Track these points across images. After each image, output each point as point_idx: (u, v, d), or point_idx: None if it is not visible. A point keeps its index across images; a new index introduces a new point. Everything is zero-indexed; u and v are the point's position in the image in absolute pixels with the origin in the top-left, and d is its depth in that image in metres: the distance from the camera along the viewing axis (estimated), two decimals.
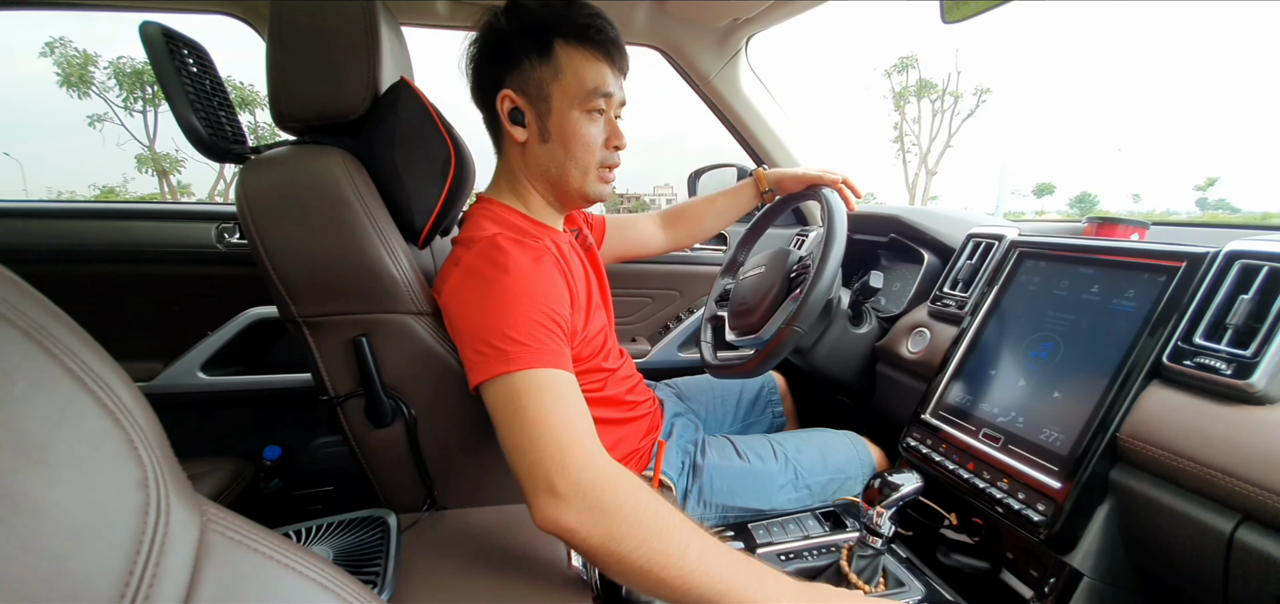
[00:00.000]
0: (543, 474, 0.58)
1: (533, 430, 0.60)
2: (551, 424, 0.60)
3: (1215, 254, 0.68)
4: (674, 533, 0.56)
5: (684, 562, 0.55)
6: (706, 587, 0.54)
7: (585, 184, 0.81)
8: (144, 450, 0.26)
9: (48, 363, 0.24)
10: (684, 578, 0.54)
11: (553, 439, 0.59)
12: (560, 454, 0.58)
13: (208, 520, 0.28)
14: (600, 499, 0.56)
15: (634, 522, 0.56)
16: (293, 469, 1.43)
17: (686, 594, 0.55)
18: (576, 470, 0.58)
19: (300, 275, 0.73)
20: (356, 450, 0.82)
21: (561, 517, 0.57)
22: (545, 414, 0.61)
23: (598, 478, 0.58)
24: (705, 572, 0.55)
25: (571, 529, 0.56)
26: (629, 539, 0.55)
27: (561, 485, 0.57)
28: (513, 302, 0.67)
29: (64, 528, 0.22)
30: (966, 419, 0.84)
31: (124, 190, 27.57)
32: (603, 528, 0.56)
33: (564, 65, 0.75)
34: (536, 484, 0.58)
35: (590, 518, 0.56)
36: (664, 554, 0.55)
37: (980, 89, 32.09)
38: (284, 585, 0.31)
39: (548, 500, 0.58)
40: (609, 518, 0.56)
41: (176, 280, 1.35)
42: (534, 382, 0.63)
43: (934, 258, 1.16)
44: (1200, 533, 0.58)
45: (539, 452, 0.59)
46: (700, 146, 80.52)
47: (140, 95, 22.09)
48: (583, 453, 0.59)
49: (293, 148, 0.77)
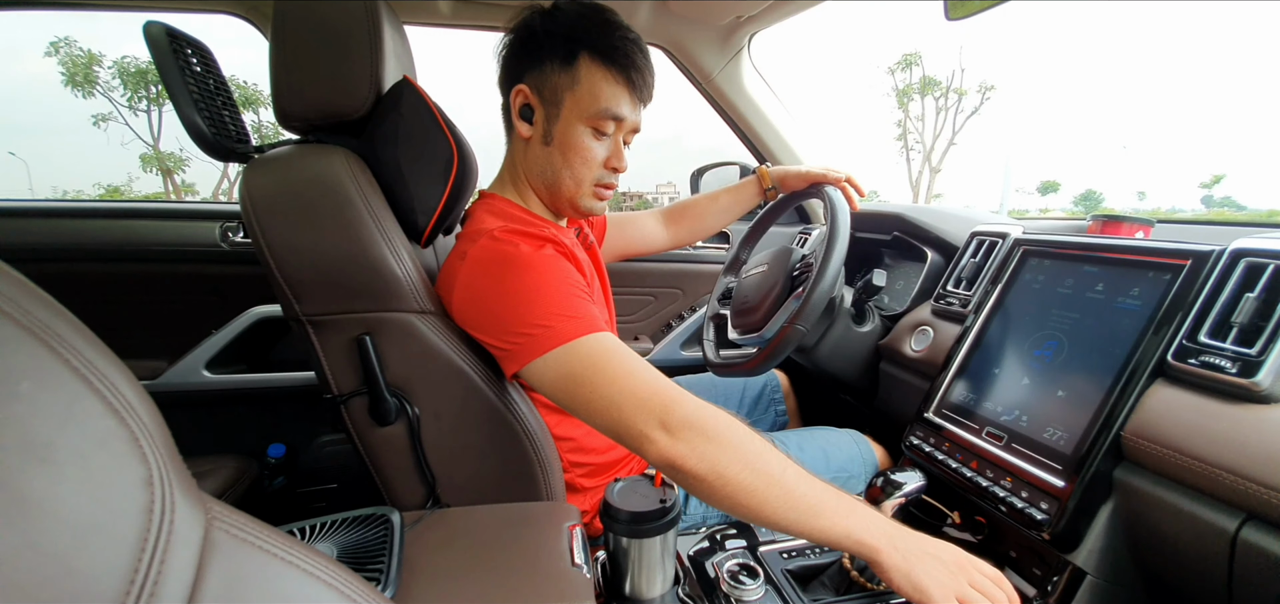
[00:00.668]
0: (647, 417, 0.62)
1: (626, 382, 0.64)
2: (639, 375, 0.65)
3: (1221, 252, 0.67)
4: (772, 458, 0.61)
5: (784, 483, 0.59)
6: (805, 506, 0.59)
7: (578, 195, 0.82)
8: (149, 448, 0.26)
9: (53, 361, 0.24)
10: (785, 497, 0.59)
11: (649, 384, 0.64)
12: (662, 396, 0.63)
13: (212, 518, 0.28)
14: (706, 430, 0.61)
15: (737, 449, 0.60)
16: (297, 467, 1.44)
17: (787, 513, 0.59)
18: (680, 406, 0.62)
19: (304, 274, 0.73)
20: (360, 448, 0.82)
21: (675, 448, 0.61)
22: (628, 368, 0.65)
23: (698, 411, 0.62)
24: (803, 493, 0.59)
25: (685, 457, 0.60)
26: (734, 464, 0.60)
27: (672, 421, 0.61)
28: (540, 282, 0.69)
29: (69, 526, 0.22)
30: (970, 418, 0.83)
31: (129, 189, 27.72)
32: (711, 455, 0.60)
33: (583, 78, 0.76)
34: (648, 425, 0.62)
35: (698, 446, 0.60)
36: (768, 476, 0.59)
37: (984, 86, 31.96)
38: (288, 583, 0.31)
39: (661, 436, 0.61)
40: (715, 445, 0.60)
41: (181, 279, 1.36)
42: (599, 344, 0.67)
43: (937, 256, 1.16)
44: (1204, 532, 0.58)
45: (642, 398, 0.63)
46: (703, 144, 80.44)
47: (145, 94, 22.16)
48: (678, 392, 0.64)
49: (296, 147, 0.78)
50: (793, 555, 0.84)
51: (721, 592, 0.74)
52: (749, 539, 0.88)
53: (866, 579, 0.75)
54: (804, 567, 0.83)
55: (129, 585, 0.23)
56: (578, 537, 0.71)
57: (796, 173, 1.13)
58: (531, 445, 0.81)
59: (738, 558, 0.82)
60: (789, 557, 0.84)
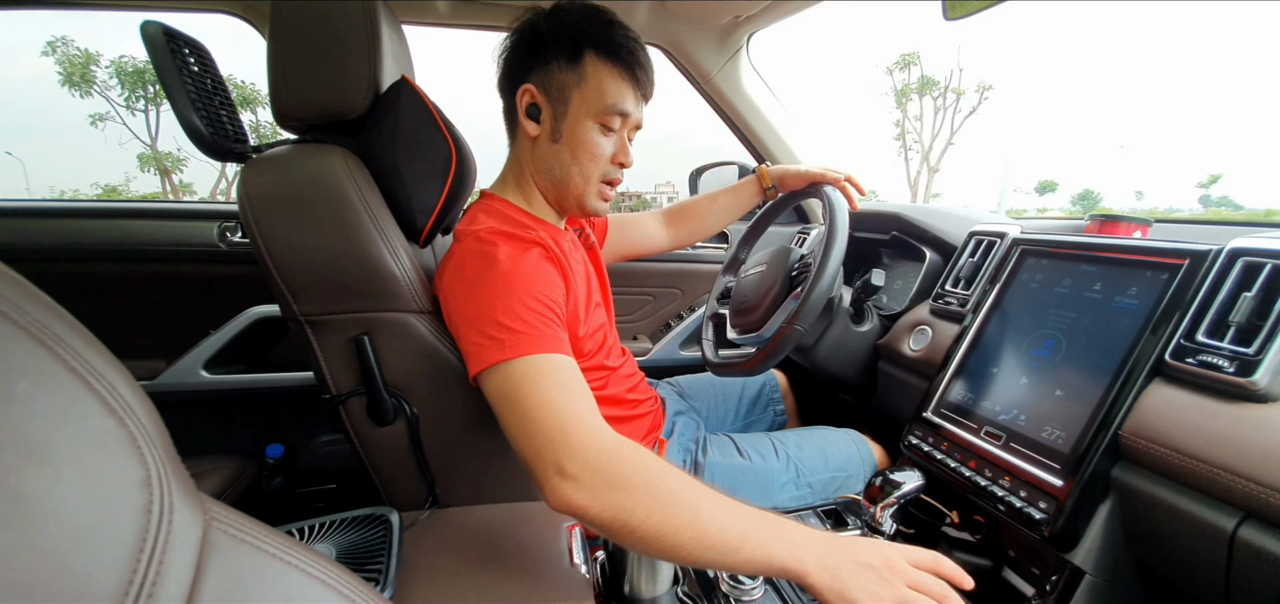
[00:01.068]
0: (551, 457, 0.58)
1: (535, 415, 0.61)
2: (553, 407, 0.61)
3: (1218, 251, 0.68)
4: (684, 496, 0.56)
5: (697, 522, 0.55)
6: (722, 543, 0.55)
7: (585, 194, 0.82)
8: (147, 449, 0.26)
9: (50, 362, 0.24)
10: (698, 538, 0.55)
11: (556, 421, 0.60)
12: (565, 436, 0.59)
13: (211, 519, 0.28)
14: (609, 474, 0.57)
15: (644, 491, 0.56)
16: (295, 467, 1.44)
17: (704, 552, 0.55)
18: (582, 449, 0.58)
19: (302, 274, 0.73)
20: (358, 449, 0.82)
21: (573, 496, 0.57)
22: (547, 398, 0.61)
23: (605, 452, 0.58)
24: (720, 529, 0.55)
25: (584, 507, 0.57)
26: (640, 509, 0.55)
27: (569, 466, 0.58)
28: (503, 290, 0.68)
29: (67, 527, 0.22)
30: (968, 417, 0.84)
31: (126, 189, 27.63)
32: (614, 502, 0.56)
33: (590, 75, 0.76)
34: (545, 468, 0.59)
35: (601, 494, 0.56)
36: (676, 517, 0.55)
37: (982, 86, 32.00)
38: (287, 583, 0.31)
39: (558, 482, 0.58)
40: (619, 491, 0.56)
41: (179, 279, 1.36)
42: (532, 367, 0.64)
43: (936, 256, 1.16)
44: (1202, 530, 0.58)
45: (545, 435, 0.59)
46: (702, 144, 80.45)
47: (142, 94, 22.11)
48: (587, 431, 0.59)
49: (294, 146, 0.78)
50: None
51: (720, 591, 0.74)
52: None
53: None
54: None
55: (127, 586, 0.23)
56: (577, 537, 0.71)
57: (796, 172, 1.13)
58: None
59: None
60: None
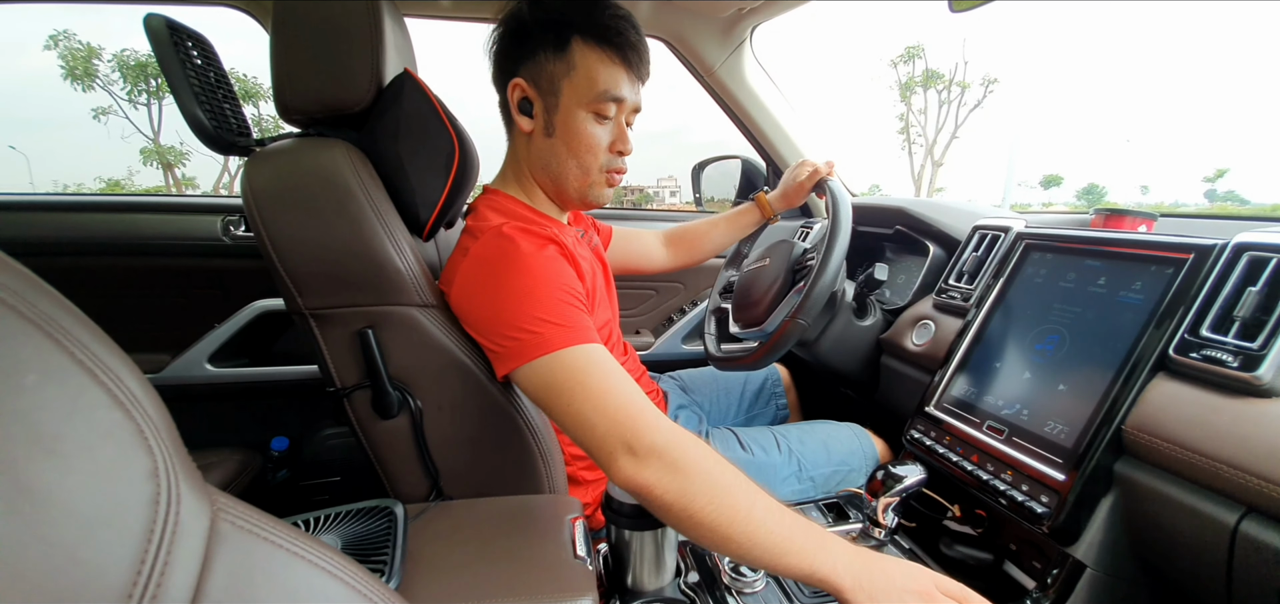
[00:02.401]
0: (619, 438, 0.61)
1: (600, 400, 0.63)
2: (616, 393, 0.63)
3: (1223, 245, 0.67)
4: (741, 492, 0.58)
5: (751, 519, 0.57)
6: (770, 544, 0.57)
7: (585, 186, 0.81)
8: (154, 441, 0.26)
9: (58, 355, 0.24)
10: (750, 534, 0.57)
11: (622, 406, 0.62)
12: (633, 419, 0.61)
13: (218, 510, 0.29)
14: (675, 458, 0.59)
15: (705, 480, 0.58)
16: (300, 460, 1.44)
17: (751, 549, 0.57)
18: (650, 432, 0.60)
19: (306, 267, 0.73)
20: (363, 441, 0.82)
21: (640, 474, 0.59)
22: (607, 385, 0.64)
23: (671, 438, 0.60)
24: (769, 530, 0.57)
25: (650, 485, 0.59)
26: (701, 496, 0.58)
27: (639, 446, 0.60)
28: (534, 286, 0.68)
29: (76, 518, 0.23)
30: (971, 411, 0.84)
31: (129, 183, 27.64)
32: (678, 485, 0.58)
33: (578, 63, 0.74)
34: (615, 447, 0.61)
35: (667, 475, 0.59)
36: (733, 510, 0.57)
37: (987, 79, 31.78)
38: (294, 574, 0.31)
39: (627, 460, 0.60)
40: (683, 476, 0.58)
41: (183, 273, 1.36)
42: (584, 356, 0.65)
43: (939, 250, 1.16)
44: (1204, 525, 0.58)
45: (612, 418, 0.62)
46: (705, 138, 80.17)
47: (144, 88, 22.10)
48: (652, 416, 0.62)
49: (297, 140, 0.78)
50: None
51: (723, 584, 0.75)
52: None
53: None
54: None
55: (135, 576, 0.24)
56: (580, 529, 0.71)
57: (794, 186, 1.11)
58: (533, 438, 0.81)
59: None
60: None
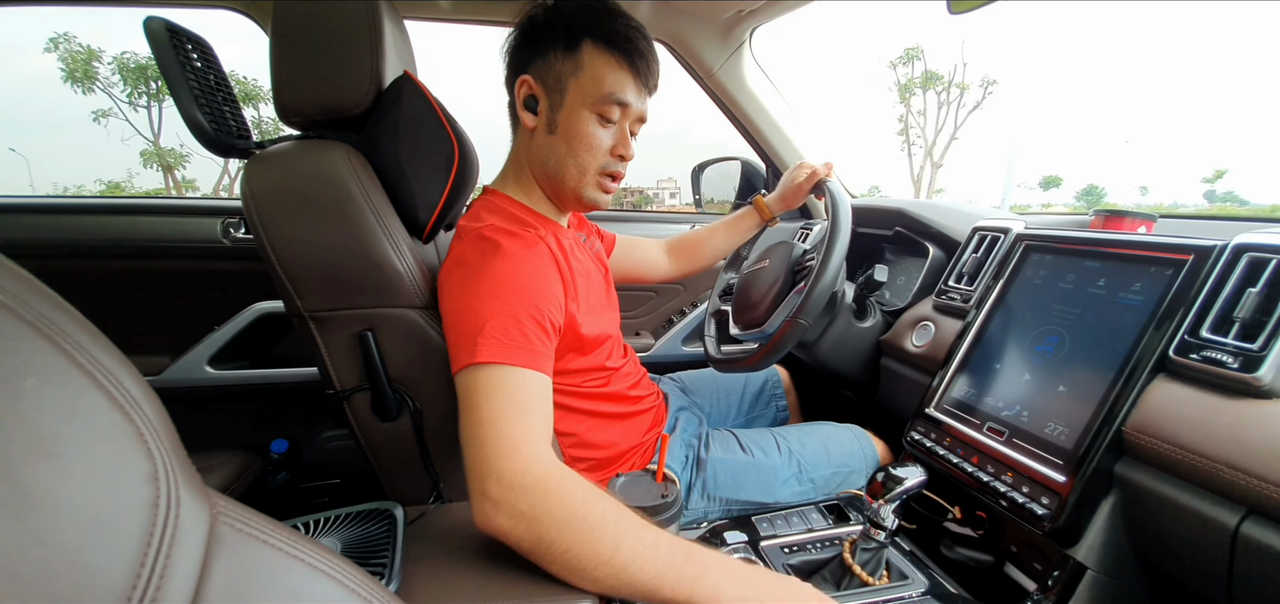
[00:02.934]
0: (480, 475, 0.59)
1: (480, 429, 0.61)
2: (499, 424, 0.61)
3: (1223, 246, 0.67)
4: (605, 534, 0.56)
5: (614, 559, 0.56)
6: (639, 583, 0.56)
7: (582, 186, 0.80)
8: (154, 444, 0.26)
9: (57, 357, 0.24)
10: (615, 574, 0.56)
11: (495, 441, 0.60)
12: (498, 458, 0.59)
13: (217, 513, 0.29)
14: (530, 504, 0.57)
15: (564, 526, 0.56)
16: (300, 462, 1.44)
17: (619, 590, 0.56)
18: (510, 476, 0.58)
19: (305, 270, 0.73)
20: (363, 444, 0.82)
21: (493, 518, 0.58)
22: (495, 413, 0.61)
23: (531, 484, 0.58)
24: (638, 568, 0.56)
25: (504, 530, 0.58)
26: (559, 541, 0.56)
27: (494, 490, 0.58)
28: (492, 292, 0.67)
29: (76, 521, 0.23)
30: (971, 413, 0.84)
31: (129, 185, 27.62)
32: (533, 533, 0.57)
33: (587, 64, 0.75)
34: (474, 484, 0.60)
35: (520, 523, 0.57)
36: (593, 554, 0.56)
37: (986, 81, 31.83)
38: (293, 576, 0.31)
39: (480, 501, 0.59)
40: (538, 524, 0.57)
41: (183, 275, 1.36)
42: (494, 378, 0.63)
43: (939, 251, 1.16)
44: (1205, 526, 0.58)
45: (481, 452, 0.60)
46: (705, 140, 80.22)
47: (144, 90, 22.12)
48: (520, 459, 0.59)
49: (297, 143, 0.78)
50: (794, 550, 0.85)
51: None
52: (750, 534, 0.88)
53: (867, 573, 0.76)
54: (805, 561, 0.83)
55: (135, 579, 0.24)
56: None
57: (793, 188, 1.12)
58: None
59: (739, 552, 0.82)
60: (790, 551, 0.84)
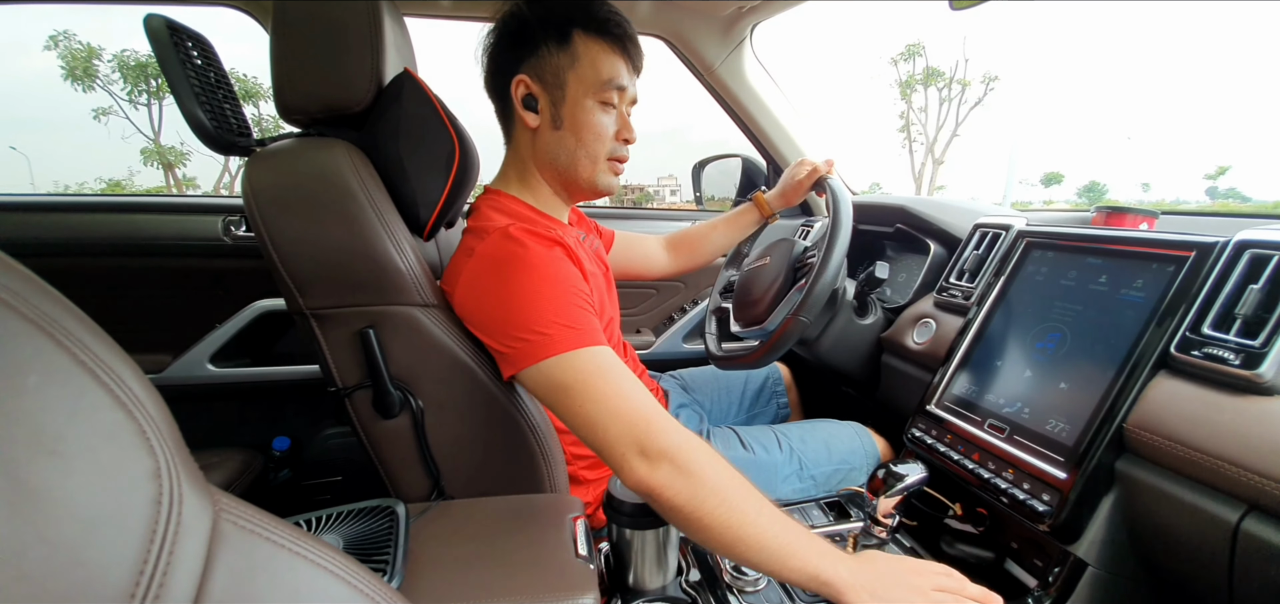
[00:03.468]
0: (633, 440, 0.62)
1: (612, 403, 0.64)
2: (627, 396, 0.64)
3: (1225, 243, 0.67)
4: (749, 498, 0.60)
5: (758, 523, 0.59)
6: (775, 547, 0.59)
7: (594, 174, 0.82)
8: (156, 441, 0.26)
9: (60, 355, 0.24)
10: (757, 537, 0.59)
11: (634, 409, 0.63)
12: (646, 422, 0.62)
13: (220, 510, 0.29)
14: (686, 462, 0.60)
15: (715, 485, 0.60)
16: (302, 460, 1.45)
17: (758, 553, 0.59)
18: (662, 436, 0.61)
19: (307, 267, 0.73)
20: (365, 441, 0.82)
21: (653, 477, 0.61)
22: (618, 388, 0.65)
23: (682, 442, 0.61)
24: (774, 534, 0.59)
25: (661, 487, 0.60)
26: (711, 499, 0.59)
27: (651, 449, 0.61)
28: (542, 287, 0.69)
29: (79, 518, 0.23)
30: (972, 410, 0.84)
31: (130, 183, 27.53)
32: (689, 488, 0.60)
33: (582, 54, 0.77)
34: (627, 450, 0.62)
35: (679, 478, 0.60)
36: (741, 514, 0.59)
37: (988, 77, 31.70)
38: (296, 574, 0.31)
39: (639, 463, 0.61)
40: (693, 480, 0.60)
41: (184, 273, 1.36)
42: (593, 359, 0.66)
43: (940, 248, 1.16)
44: (1206, 523, 0.58)
45: (625, 421, 0.63)
46: (705, 138, 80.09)
47: (145, 88, 22.08)
48: (663, 419, 0.63)
49: (297, 140, 0.78)
50: None
51: (724, 583, 0.75)
52: None
53: None
54: None
55: (138, 576, 0.24)
56: (581, 528, 0.72)
57: (795, 184, 1.11)
58: (535, 438, 0.82)
59: None
60: None
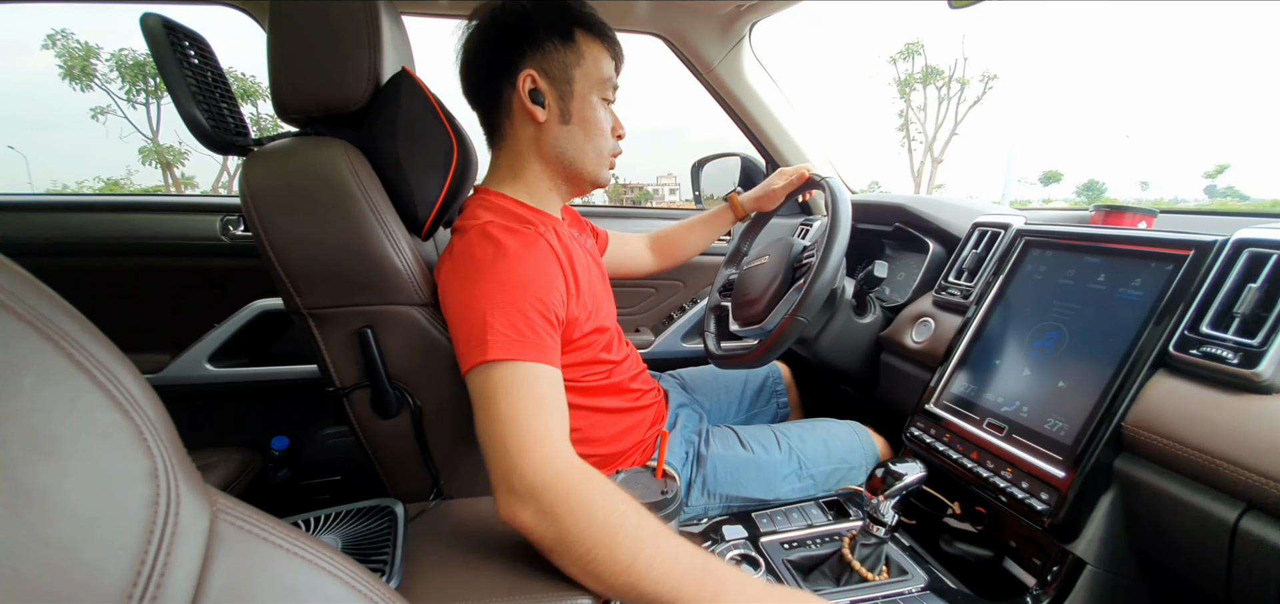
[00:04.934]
0: (503, 471, 0.60)
1: (500, 425, 0.62)
2: (518, 421, 0.62)
3: (1223, 242, 0.67)
4: (625, 539, 0.56)
5: (633, 566, 0.55)
6: (655, 592, 0.55)
7: (599, 168, 0.85)
8: (153, 442, 0.26)
9: (55, 356, 0.24)
10: (632, 582, 0.55)
11: (516, 436, 0.61)
12: (521, 453, 0.60)
13: (218, 511, 0.29)
14: (552, 503, 0.58)
15: (584, 527, 0.57)
16: (300, 460, 1.45)
17: (635, 597, 0.56)
18: (533, 471, 0.59)
19: (304, 267, 0.73)
20: (363, 441, 0.82)
21: (517, 514, 0.59)
22: (515, 411, 0.62)
23: (553, 481, 0.58)
24: (655, 579, 0.55)
25: (527, 526, 0.59)
26: (577, 545, 0.57)
27: (518, 484, 0.59)
28: (499, 290, 0.68)
29: (75, 519, 0.23)
30: (971, 409, 0.84)
31: (129, 183, 27.42)
32: (554, 530, 0.57)
33: (585, 52, 0.79)
34: (498, 479, 0.61)
35: (543, 519, 0.58)
36: (612, 558, 0.56)
37: (987, 75, 31.70)
38: (294, 574, 0.31)
39: (506, 497, 0.60)
40: (559, 522, 0.57)
41: (182, 273, 1.36)
42: (510, 374, 0.64)
43: (939, 247, 1.16)
44: (1204, 522, 0.58)
45: (503, 447, 0.61)
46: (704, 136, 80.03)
47: (143, 87, 22.04)
48: (542, 453, 0.60)
49: (295, 139, 0.77)
50: (793, 546, 0.85)
51: None
52: (750, 530, 0.88)
53: (867, 568, 0.76)
54: (805, 557, 0.83)
55: (135, 577, 0.24)
56: None
57: (769, 193, 1.15)
58: None
59: (739, 548, 0.82)
60: (790, 547, 0.85)
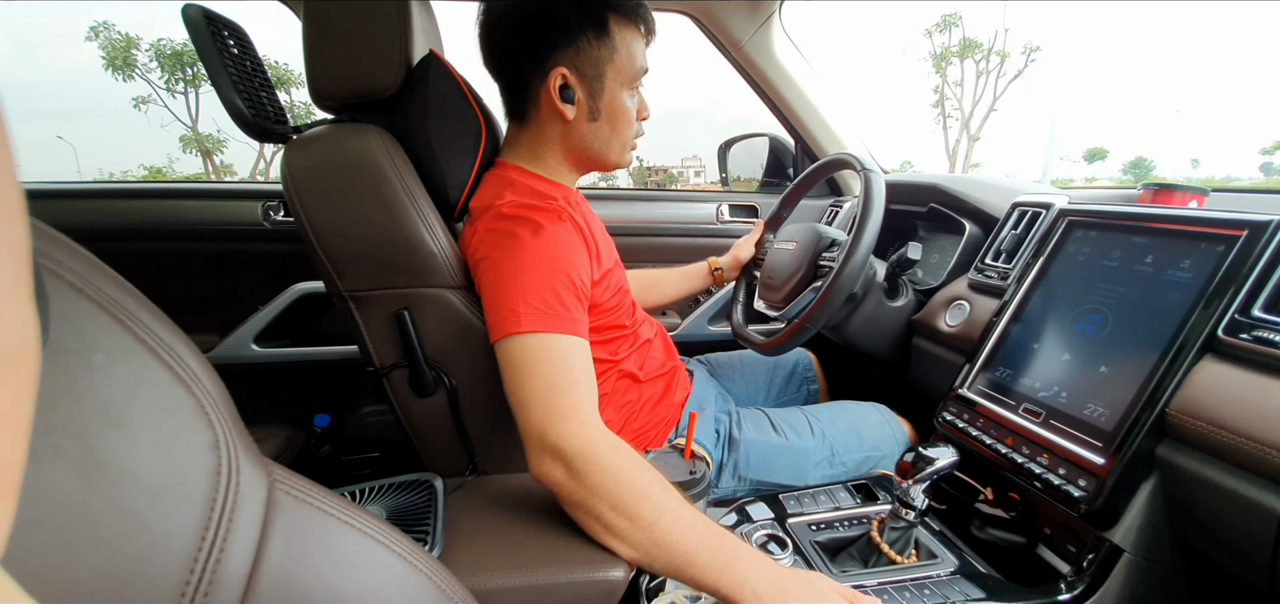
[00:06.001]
0: (537, 431, 0.64)
1: (534, 391, 0.65)
2: (554, 389, 0.65)
3: (1278, 222, 0.64)
4: (648, 505, 0.60)
5: (654, 531, 0.60)
6: (672, 557, 0.59)
7: (622, 156, 0.86)
8: (214, 415, 0.28)
9: (123, 334, 0.26)
10: (653, 542, 0.60)
11: (547, 408, 0.64)
12: (550, 425, 0.63)
13: (274, 481, 0.30)
14: (579, 465, 0.62)
15: (612, 489, 0.61)
16: (341, 436, 1.50)
17: (653, 561, 0.61)
18: (569, 434, 0.63)
19: (344, 251, 0.75)
20: (401, 419, 0.85)
21: (548, 470, 0.63)
22: (551, 379, 0.66)
23: (585, 447, 0.62)
24: (674, 542, 0.59)
25: (557, 483, 0.63)
26: (602, 504, 0.61)
27: (548, 444, 0.63)
28: (531, 264, 0.70)
29: (144, 487, 0.24)
30: (1006, 394, 0.82)
31: (170, 170, 28.38)
32: (580, 492, 0.62)
33: (619, 45, 0.77)
34: (532, 439, 0.64)
35: (571, 480, 0.62)
36: (635, 522, 0.60)
37: (1029, 48, 30.41)
38: (346, 541, 0.33)
39: (539, 456, 0.64)
40: (585, 486, 0.62)
41: (226, 257, 1.41)
42: (543, 344, 0.67)
43: (975, 228, 1.12)
44: (1250, 511, 0.56)
45: (539, 411, 0.64)
46: (732, 116, 78.77)
47: (181, 76, 22.71)
48: (577, 419, 0.64)
49: (332, 127, 0.79)
50: (821, 527, 0.85)
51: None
52: (777, 511, 0.88)
53: (895, 551, 0.76)
54: (832, 539, 0.83)
55: (201, 541, 0.25)
56: None
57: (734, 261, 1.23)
58: None
59: (766, 529, 0.83)
60: (817, 529, 0.85)
